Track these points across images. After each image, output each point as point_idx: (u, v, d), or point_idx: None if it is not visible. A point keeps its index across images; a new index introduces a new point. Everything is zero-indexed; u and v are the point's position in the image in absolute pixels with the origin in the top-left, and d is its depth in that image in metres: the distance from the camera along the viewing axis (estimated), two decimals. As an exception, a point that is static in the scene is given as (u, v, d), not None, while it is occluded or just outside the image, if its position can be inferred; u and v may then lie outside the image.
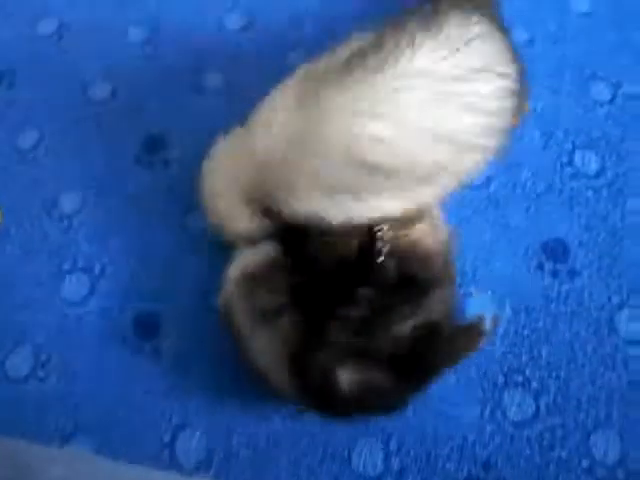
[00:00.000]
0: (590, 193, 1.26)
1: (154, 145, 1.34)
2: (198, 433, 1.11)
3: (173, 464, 1.09)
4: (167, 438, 1.10)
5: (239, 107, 1.33)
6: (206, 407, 1.13)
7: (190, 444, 1.10)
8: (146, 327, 1.18)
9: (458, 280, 1.13)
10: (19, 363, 1.17)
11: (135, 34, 1.47)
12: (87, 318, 1.20)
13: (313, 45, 1.38)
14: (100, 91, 1.40)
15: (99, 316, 1.20)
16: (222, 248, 1.21)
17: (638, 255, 1.22)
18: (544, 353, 1.14)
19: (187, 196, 1.26)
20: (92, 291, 1.21)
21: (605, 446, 1.09)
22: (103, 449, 1.10)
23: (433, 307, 1.00)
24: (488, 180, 1.27)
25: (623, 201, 1.26)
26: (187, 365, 1.16)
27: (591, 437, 1.09)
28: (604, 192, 1.27)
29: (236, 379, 1.13)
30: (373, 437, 1.10)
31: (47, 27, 1.48)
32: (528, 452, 1.08)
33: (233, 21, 1.47)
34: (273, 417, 1.11)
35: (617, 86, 1.37)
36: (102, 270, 1.23)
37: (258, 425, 1.11)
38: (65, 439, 1.11)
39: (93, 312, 1.20)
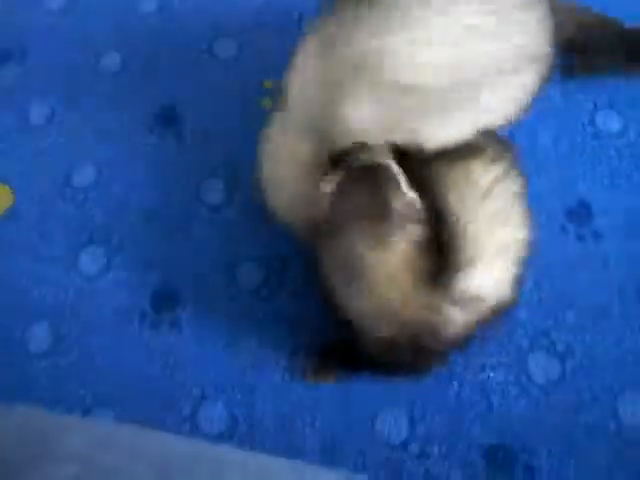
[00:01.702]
0: (613, 152, 1.24)
1: (167, 115, 1.32)
2: (219, 403, 1.10)
3: (194, 435, 1.08)
4: (187, 410, 1.10)
5: (254, 75, 1.32)
6: (226, 378, 1.12)
7: (212, 414, 1.09)
8: (164, 299, 1.17)
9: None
10: (39, 338, 1.16)
11: (147, 2, 1.44)
12: (104, 292, 1.19)
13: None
14: (112, 62, 1.38)
15: (117, 289, 1.19)
16: (238, 219, 1.21)
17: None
18: (569, 317, 1.12)
19: (202, 167, 1.25)
20: (109, 265, 1.20)
21: (633, 408, 1.07)
22: (123, 421, 1.10)
23: None
24: (508, 143, 1.24)
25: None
26: (206, 337, 1.15)
27: (618, 399, 1.08)
28: (626, 151, 1.24)
29: (255, 349, 1.13)
30: (396, 404, 1.09)
31: (56, 1, 1.47)
32: (554, 416, 1.07)
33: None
34: (295, 385, 1.10)
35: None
36: (119, 243, 1.22)
37: (281, 393, 1.10)
38: (84, 412, 1.10)
39: (111, 285, 1.19)
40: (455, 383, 1.09)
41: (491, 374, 1.09)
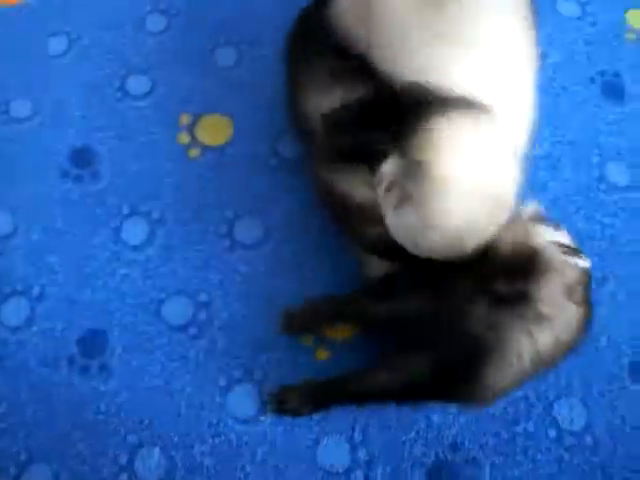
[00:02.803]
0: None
1: (83, 157, 1.29)
2: (156, 449, 1.08)
3: (133, 485, 1.06)
4: (124, 458, 1.07)
5: (169, 111, 1.31)
6: (161, 421, 1.09)
7: (149, 461, 1.07)
8: (92, 344, 1.14)
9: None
10: (-36, 395, 1.12)
11: (56, 44, 1.41)
12: (30, 342, 1.15)
13: (240, 41, 1.37)
14: (22, 107, 1.34)
15: (42, 339, 1.15)
16: (161, 257, 1.18)
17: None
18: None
19: (121, 205, 1.23)
20: (32, 315, 1.17)
21: (570, 414, 1.09)
22: (61, 475, 1.06)
23: None
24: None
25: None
26: (137, 379, 1.12)
27: (555, 407, 1.09)
28: (541, 163, 1.27)
29: (189, 389, 1.11)
30: (336, 431, 1.08)
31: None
32: (494, 429, 1.08)
33: (154, 22, 1.42)
34: (232, 423, 1.08)
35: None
36: (41, 292, 1.18)
37: (218, 432, 1.08)
38: (20, 468, 1.07)
39: (36, 336, 1.15)
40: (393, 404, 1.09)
41: (428, 392, 1.09)
